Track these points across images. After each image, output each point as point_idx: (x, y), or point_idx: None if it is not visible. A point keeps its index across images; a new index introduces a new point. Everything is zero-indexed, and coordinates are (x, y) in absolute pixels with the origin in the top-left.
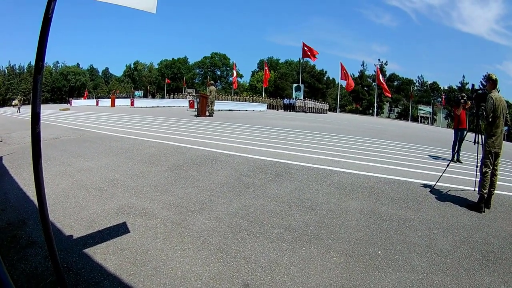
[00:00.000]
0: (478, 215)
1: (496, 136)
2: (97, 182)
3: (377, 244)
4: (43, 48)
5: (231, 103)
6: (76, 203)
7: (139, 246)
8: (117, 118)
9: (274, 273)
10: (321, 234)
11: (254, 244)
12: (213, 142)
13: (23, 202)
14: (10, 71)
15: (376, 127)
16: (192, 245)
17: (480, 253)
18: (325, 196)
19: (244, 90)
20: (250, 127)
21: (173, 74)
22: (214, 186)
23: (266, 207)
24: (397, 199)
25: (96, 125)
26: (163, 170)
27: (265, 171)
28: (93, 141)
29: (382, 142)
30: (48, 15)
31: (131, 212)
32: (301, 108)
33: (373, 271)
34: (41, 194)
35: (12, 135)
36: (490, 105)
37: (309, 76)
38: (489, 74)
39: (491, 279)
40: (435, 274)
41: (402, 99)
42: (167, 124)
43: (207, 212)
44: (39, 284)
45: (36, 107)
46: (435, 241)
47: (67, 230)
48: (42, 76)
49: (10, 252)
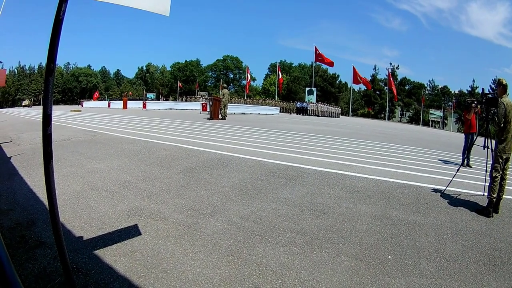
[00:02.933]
0: (487, 220)
1: (507, 141)
2: (108, 184)
3: (388, 248)
4: (55, 50)
5: (243, 106)
6: (86, 204)
7: (150, 248)
8: (129, 120)
9: (285, 277)
10: (332, 239)
11: (265, 248)
12: (225, 145)
13: (32, 202)
14: (20, 71)
15: (387, 131)
16: (203, 248)
17: (488, 258)
18: (336, 200)
19: (256, 93)
20: (262, 130)
21: (186, 77)
22: (226, 190)
23: (278, 211)
24: (408, 203)
25: (107, 127)
26: (175, 173)
27: (278, 175)
28: (105, 143)
29: (394, 146)
30: (59, 17)
31: (143, 215)
32: (314, 112)
33: (383, 275)
34: (51, 196)
35: (21, 136)
36: (502, 111)
37: (321, 80)
38: (499, 79)
39: (497, 283)
40: (443, 278)
41: (413, 103)
42: (179, 127)
43: (219, 215)
44: (48, 284)
45: (47, 109)
46: (444, 246)
47: (77, 231)
48: (54, 78)
49: (18, 252)
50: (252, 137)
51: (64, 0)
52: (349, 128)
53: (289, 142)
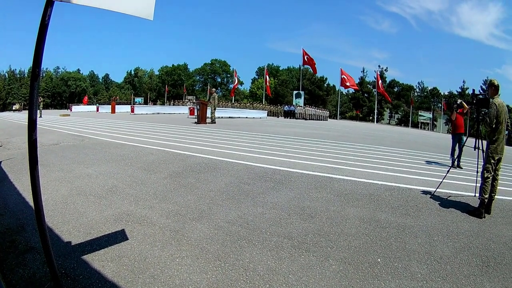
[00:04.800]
0: (479, 221)
1: (499, 142)
2: (96, 188)
3: (377, 251)
4: (40, 55)
5: (231, 110)
6: (75, 209)
7: (137, 253)
8: (117, 124)
9: (272, 281)
10: (320, 242)
11: (252, 253)
12: (212, 149)
13: (22, 207)
14: (11, 75)
15: (376, 133)
16: (190, 253)
17: (480, 259)
18: (324, 203)
19: (244, 97)
20: (250, 134)
21: (174, 81)
22: (213, 194)
23: (265, 215)
24: (397, 206)
25: (96, 131)
26: (162, 178)
27: (265, 178)
28: (93, 148)
29: (382, 148)
30: (45, 22)
31: (130, 220)
32: (302, 115)
33: (372, 279)
34: (38, 201)
35: (12, 140)
36: (494, 111)
37: (309, 83)
38: (491, 80)
39: (491, 285)
40: (435, 281)
41: (402, 105)
42: (167, 131)
43: (206, 220)
44: None
45: (32, 114)
46: (435, 248)
47: (65, 236)
48: (39, 83)
49: (8, 257)
50: (239, 141)
51: (49, 4)
52: (337, 131)
53: (277, 145)
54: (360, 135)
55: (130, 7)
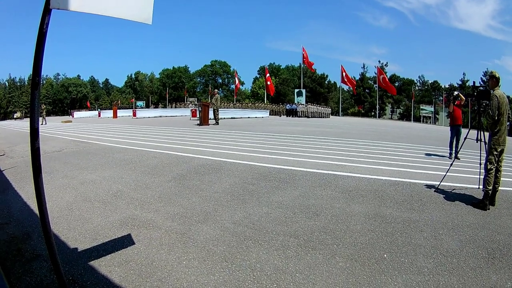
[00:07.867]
0: (483, 213)
1: (500, 133)
2: (100, 194)
3: (383, 247)
4: (39, 64)
5: (233, 110)
6: (80, 215)
7: (144, 257)
8: (119, 129)
9: (279, 280)
10: (326, 240)
11: (259, 253)
12: (216, 150)
13: (27, 215)
14: (11, 83)
15: (378, 129)
16: (197, 255)
17: (486, 251)
18: (329, 201)
19: (246, 97)
20: (252, 134)
21: (175, 84)
22: (218, 195)
23: (271, 214)
24: (402, 201)
25: (98, 136)
26: (166, 181)
27: (269, 178)
28: (96, 153)
29: (385, 144)
30: (43, 30)
31: (135, 224)
32: (304, 113)
33: (379, 274)
34: (42, 208)
35: (14, 148)
36: (495, 103)
37: (310, 81)
38: (492, 71)
39: (497, 276)
40: (441, 274)
41: (404, 100)
42: (169, 134)
43: (212, 222)
44: None
45: (34, 122)
46: (440, 242)
47: (71, 243)
48: (40, 91)
49: (15, 265)
50: (242, 141)
51: (47, 12)
52: (340, 128)
53: (280, 144)
54: (362, 131)
55: (128, 12)
